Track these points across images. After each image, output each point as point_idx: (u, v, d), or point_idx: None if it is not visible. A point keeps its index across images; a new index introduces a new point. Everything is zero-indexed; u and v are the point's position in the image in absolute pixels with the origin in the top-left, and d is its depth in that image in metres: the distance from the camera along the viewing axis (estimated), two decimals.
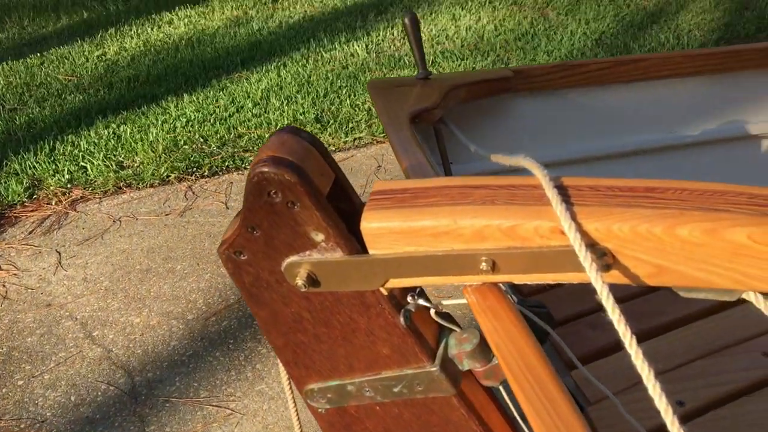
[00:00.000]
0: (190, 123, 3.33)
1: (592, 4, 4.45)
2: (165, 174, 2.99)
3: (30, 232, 2.79)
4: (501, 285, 0.76)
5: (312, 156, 0.70)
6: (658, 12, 4.33)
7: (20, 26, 4.96)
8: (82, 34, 4.65)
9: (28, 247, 2.70)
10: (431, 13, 4.57)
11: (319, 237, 0.70)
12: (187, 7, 4.98)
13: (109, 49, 4.37)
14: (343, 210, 0.72)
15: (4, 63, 4.21)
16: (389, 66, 3.86)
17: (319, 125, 3.26)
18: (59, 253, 2.65)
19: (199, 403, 1.96)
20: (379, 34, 4.30)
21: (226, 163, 3.08)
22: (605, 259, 0.67)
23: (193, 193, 2.93)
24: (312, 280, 0.73)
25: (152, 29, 4.66)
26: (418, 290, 0.79)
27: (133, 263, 2.55)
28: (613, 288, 0.68)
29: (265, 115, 3.38)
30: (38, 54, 4.34)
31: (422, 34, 4.30)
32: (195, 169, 3.05)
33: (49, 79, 3.98)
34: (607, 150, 1.64)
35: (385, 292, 0.75)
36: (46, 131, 3.37)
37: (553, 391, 0.69)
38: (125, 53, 4.31)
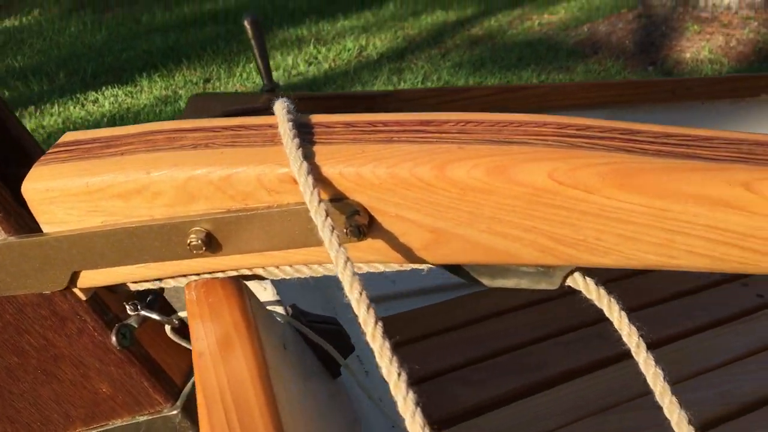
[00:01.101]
0: None
1: None
2: None
3: None
4: (244, 283, 0.55)
5: None
6: None
7: None
8: None
9: None
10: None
11: None
12: (115, 87, 4.85)
13: (26, 126, 4.17)
14: (17, 174, 0.52)
15: None
16: None
17: None
18: None
19: None
20: None
21: None
22: (357, 219, 0.48)
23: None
24: None
25: (75, 107, 4.50)
26: (150, 296, 0.59)
27: None
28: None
29: None
30: None
31: None
32: None
33: None
34: None
35: (82, 296, 0.54)
36: None
37: None
38: (42, 131, 4.13)
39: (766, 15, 4.54)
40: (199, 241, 0.49)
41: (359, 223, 0.48)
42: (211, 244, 0.50)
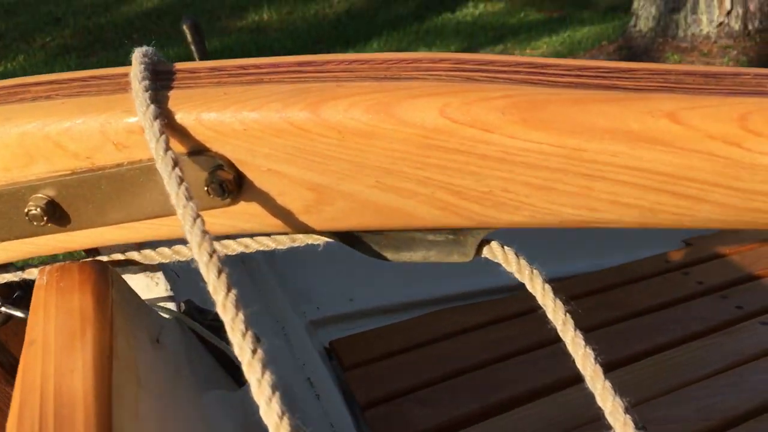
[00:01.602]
0: None
1: None
2: None
3: None
4: (112, 268, 0.49)
5: None
6: None
7: None
8: None
9: None
10: None
11: None
12: None
13: None
14: None
15: None
16: None
17: None
18: None
19: None
20: None
21: None
22: (220, 174, 0.41)
23: None
24: None
25: None
26: (16, 291, 0.52)
27: None
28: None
29: None
30: None
31: None
32: None
33: None
34: None
35: None
36: None
37: None
38: None
39: (745, 43, 4.57)
40: (39, 210, 0.42)
41: (223, 178, 0.41)
42: (56, 213, 0.43)
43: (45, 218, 0.43)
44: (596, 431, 1.04)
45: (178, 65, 0.47)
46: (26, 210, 0.43)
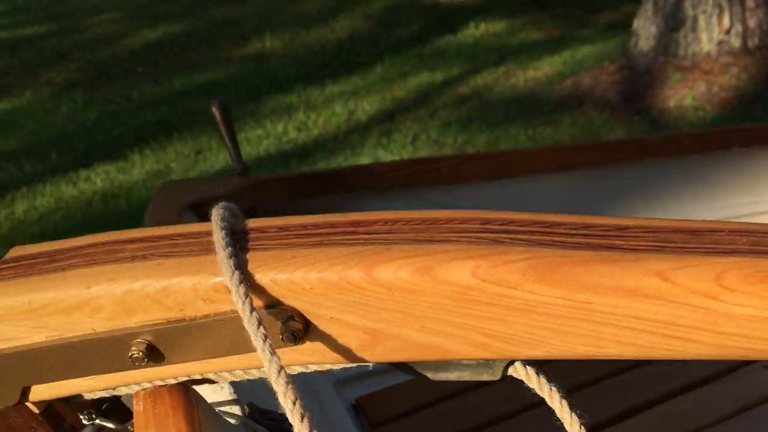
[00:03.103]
0: None
1: (510, 140, 4.52)
2: None
3: None
4: (194, 389, 0.55)
5: None
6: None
7: None
8: None
9: None
10: (353, 155, 4.56)
11: None
12: (107, 164, 4.88)
13: (18, 208, 4.18)
14: None
15: None
16: None
17: None
18: None
19: None
20: None
21: None
22: (292, 324, 0.48)
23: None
24: None
25: (67, 186, 4.52)
26: (105, 405, 0.58)
27: None
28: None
29: None
30: None
31: None
32: None
33: None
34: None
35: (35, 409, 0.54)
36: None
37: None
38: (34, 211, 4.13)
39: (746, 61, 4.62)
40: (141, 353, 0.49)
41: (294, 328, 0.48)
42: (153, 354, 0.50)
43: (145, 360, 0.49)
44: None
45: (249, 223, 0.52)
46: (129, 354, 0.49)
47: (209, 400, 0.63)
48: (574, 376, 1.33)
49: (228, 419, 0.64)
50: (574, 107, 5.00)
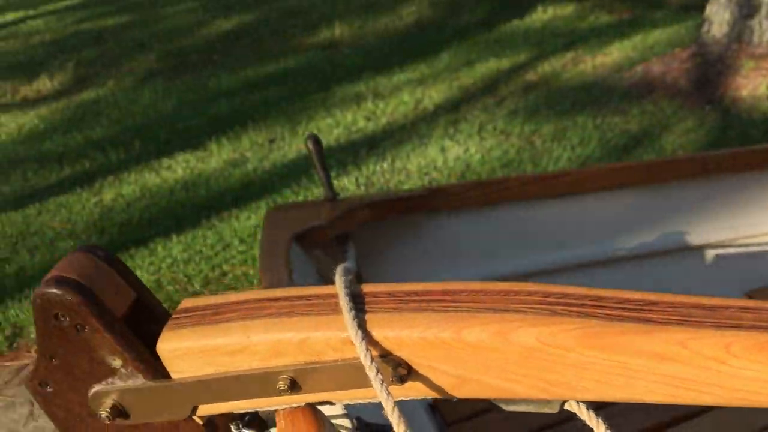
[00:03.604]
0: (175, 263, 3.33)
1: (577, 130, 4.54)
2: None
3: (6, 383, 2.71)
4: (318, 407, 0.70)
5: (104, 274, 0.66)
6: (642, 134, 4.40)
7: (24, 179, 5.12)
8: (81, 183, 4.77)
9: (2, 398, 2.62)
10: (421, 145, 4.66)
11: (117, 362, 0.65)
12: (186, 152, 5.13)
13: (106, 196, 4.46)
14: (152, 331, 0.67)
15: (3, 214, 4.30)
16: None
17: None
18: (32, 404, 2.56)
19: None
20: (369, 168, 4.38)
21: None
22: (399, 370, 0.63)
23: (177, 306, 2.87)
24: (118, 411, 0.67)
25: (150, 175, 4.78)
26: (248, 417, 0.73)
27: None
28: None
29: (251, 251, 3.37)
30: (37, 204, 4.44)
31: (411, 166, 4.38)
32: None
33: (43, 227, 4.04)
34: (531, 267, 1.60)
35: (199, 421, 0.69)
36: (34, 279, 3.37)
37: None
38: (121, 199, 4.40)
39: None
40: (285, 386, 0.64)
41: (401, 374, 0.63)
42: (294, 387, 0.65)
43: (288, 391, 0.64)
44: None
45: (364, 288, 0.66)
46: (277, 386, 0.64)
47: (326, 413, 0.78)
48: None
49: (341, 431, 0.79)
50: (643, 95, 4.96)
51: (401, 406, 1.37)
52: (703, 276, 1.68)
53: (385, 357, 0.62)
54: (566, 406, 0.66)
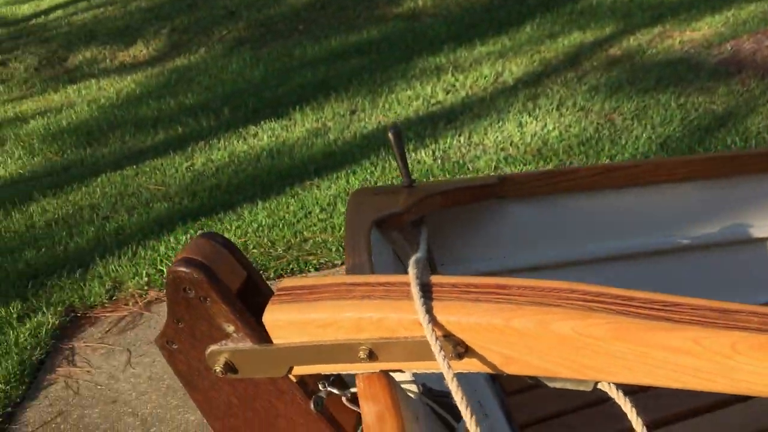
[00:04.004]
0: (261, 228, 3.54)
1: (659, 109, 4.48)
2: None
3: (106, 332, 2.99)
4: (391, 375, 0.83)
5: (223, 257, 0.81)
6: (727, 115, 4.31)
7: (122, 141, 5.46)
8: (175, 147, 5.06)
9: (103, 346, 2.90)
10: (499, 120, 4.71)
11: (230, 328, 0.81)
12: (272, 121, 5.35)
13: (197, 161, 4.73)
14: (259, 303, 0.82)
15: (103, 175, 4.63)
16: (453, 172, 3.99)
17: None
18: (130, 352, 2.83)
19: None
20: (446, 142, 4.48)
21: (291, 266, 3.24)
22: (458, 348, 0.76)
23: (279, 285, 3.08)
24: (229, 367, 0.83)
25: (238, 142, 5.02)
26: (332, 378, 0.87)
27: None
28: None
29: (331, 220, 3.54)
30: (134, 166, 4.75)
31: (488, 141, 4.44)
32: (261, 271, 3.21)
33: (140, 189, 4.34)
34: (596, 254, 1.66)
35: (293, 379, 0.84)
36: (131, 237, 3.66)
37: None
38: (211, 164, 4.65)
39: None
40: (364, 356, 0.79)
41: (459, 351, 0.76)
42: (371, 356, 0.79)
43: (367, 359, 0.79)
44: None
45: (433, 279, 0.79)
46: (357, 355, 0.79)
47: (397, 379, 0.92)
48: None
49: (409, 394, 0.93)
50: (732, 74, 4.83)
51: (464, 376, 1.52)
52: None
53: (447, 337, 0.75)
54: (599, 386, 0.77)
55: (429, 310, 0.75)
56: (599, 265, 1.66)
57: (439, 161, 4.20)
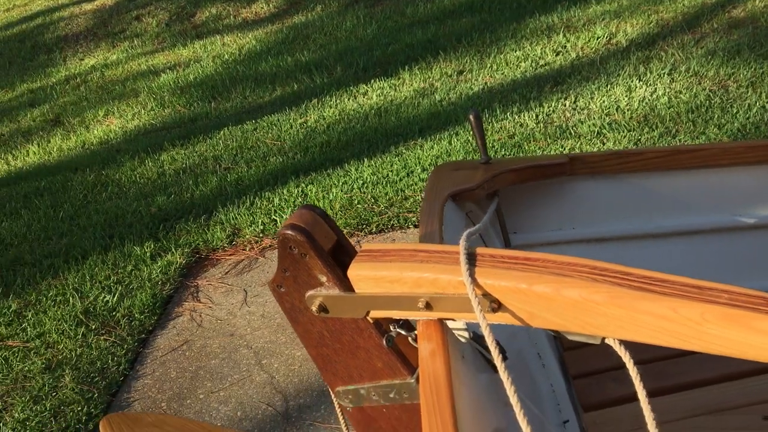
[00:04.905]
0: (365, 185, 3.77)
1: None
2: None
3: (226, 273, 3.34)
4: (445, 322, 1.01)
5: (319, 224, 1.03)
6: None
7: (243, 96, 5.82)
8: (290, 103, 5.36)
9: (223, 285, 3.24)
10: (607, 84, 4.69)
11: (323, 278, 1.02)
12: (381, 80, 5.54)
13: (310, 118, 5.00)
14: (345, 261, 1.03)
15: (225, 128, 5.00)
16: (554, 136, 4.05)
17: None
18: (246, 292, 3.16)
19: (339, 429, 2.29)
20: (551, 105, 4.52)
21: (391, 222, 3.46)
22: (492, 305, 0.94)
23: (361, 247, 3.33)
24: (323, 308, 1.06)
25: (348, 100, 5.26)
26: (401, 321, 1.07)
27: None
28: (649, 349, 0.87)
29: None
30: (253, 121, 5.09)
31: (594, 105, 4.44)
32: (364, 226, 3.46)
33: (258, 143, 4.67)
34: (660, 229, 1.75)
35: (371, 320, 1.04)
36: (249, 188, 3.99)
37: (444, 400, 0.91)
38: (323, 121, 4.92)
39: None
40: (423, 306, 0.98)
41: (493, 307, 0.94)
42: (428, 307, 0.98)
43: (424, 309, 0.98)
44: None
45: (478, 250, 0.96)
46: (417, 305, 0.98)
47: (450, 326, 1.11)
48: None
49: (460, 339, 1.12)
50: None
51: (528, 334, 1.67)
52: None
53: (484, 295, 0.93)
54: (606, 341, 0.92)
55: (471, 274, 0.93)
56: (662, 239, 1.76)
57: (542, 125, 4.26)
